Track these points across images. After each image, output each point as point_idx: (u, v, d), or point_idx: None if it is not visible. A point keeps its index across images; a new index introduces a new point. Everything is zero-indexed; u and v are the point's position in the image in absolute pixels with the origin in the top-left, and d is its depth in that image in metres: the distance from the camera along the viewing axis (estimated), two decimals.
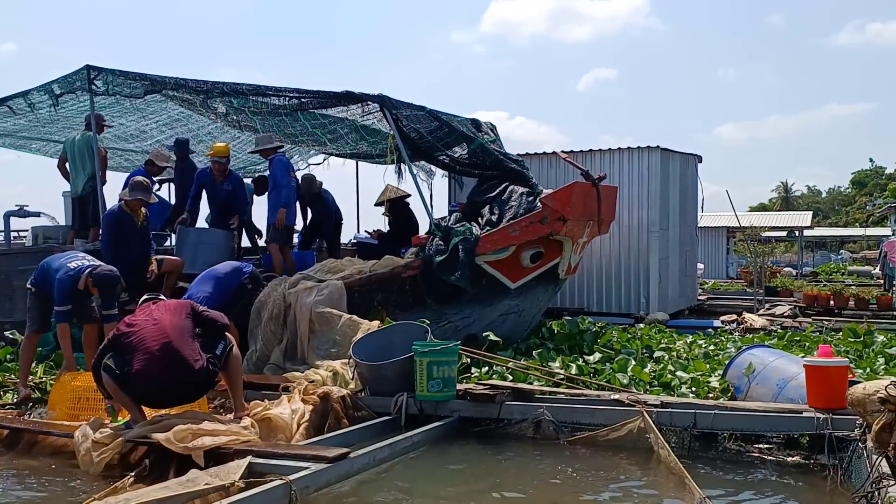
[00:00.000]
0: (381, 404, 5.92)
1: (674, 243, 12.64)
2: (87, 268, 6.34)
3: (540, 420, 5.50)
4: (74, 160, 9.20)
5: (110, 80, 8.46)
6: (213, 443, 4.60)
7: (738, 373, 5.91)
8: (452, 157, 8.90)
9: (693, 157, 13.56)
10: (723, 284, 21.22)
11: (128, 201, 7.38)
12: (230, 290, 6.96)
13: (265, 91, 8.25)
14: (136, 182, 7.55)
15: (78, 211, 9.41)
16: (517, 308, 8.42)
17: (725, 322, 12.08)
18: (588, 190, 8.33)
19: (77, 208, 9.41)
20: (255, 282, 7.47)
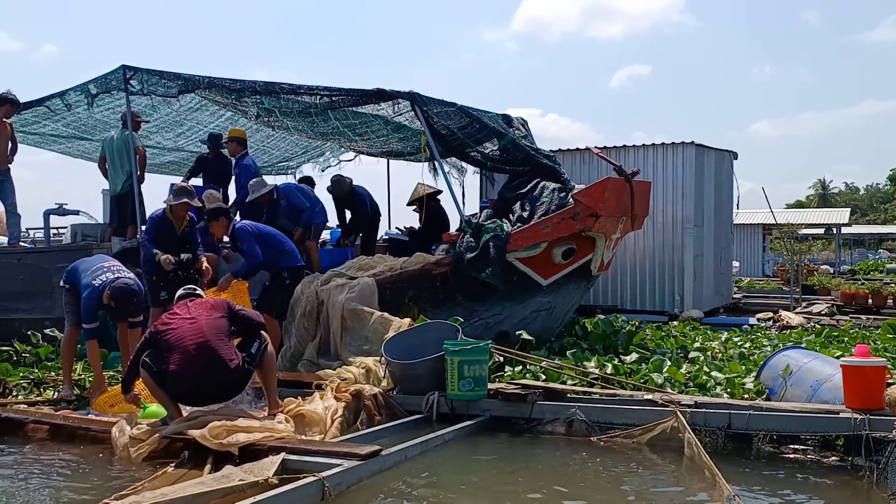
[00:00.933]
0: (412, 402, 5.94)
1: (709, 240, 12.47)
2: (109, 283, 6.32)
3: (572, 420, 5.47)
4: (113, 159, 9.36)
5: (145, 79, 8.58)
6: (247, 439, 4.65)
7: (773, 374, 5.82)
8: (483, 154, 8.87)
9: (728, 154, 13.37)
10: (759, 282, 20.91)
11: (172, 206, 7.44)
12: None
13: (297, 90, 8.30)
14: (179, 187, 7.63)
15: (116, 209, 9.56)
16: (549, 305, 8.37)
17: (761, 320, 11.90)
18: (621, 185, 8.25)
19: (115, 206, 9.56)
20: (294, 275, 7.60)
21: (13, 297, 9.41)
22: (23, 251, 9.86)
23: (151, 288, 7.27)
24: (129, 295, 6.35)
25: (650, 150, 12.02)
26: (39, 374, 7.18)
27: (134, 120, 9.13)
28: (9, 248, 9.88)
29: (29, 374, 7.17)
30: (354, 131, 10.29)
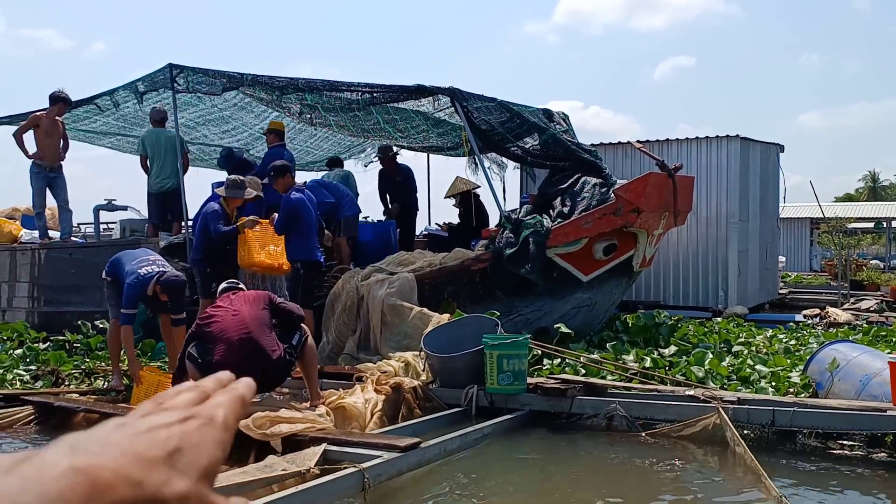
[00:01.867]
0: (451, 396, 5.96)
1: (754, 235, 12.25)
2: (156, 274, 6.41)
3: (612, 415, 5.44)
4: (157, 156, 9.56)
5: (191, 77, 8.75)
6: (289, 430, 4.73)
7: (820, 368, 5.71)
8: (524, 149, 8.85)
9: (774, 147, 13.10)
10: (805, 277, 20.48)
11: (226, 198, 7.56)
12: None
13: (338, 86, 8.38)
14: (232, 180, 7.75)
15: (159, 206, 9.71)
16: (590, 301, 8.33)
17: (808, 316, 11.65)
18: (663, 180, 8.16)
19: (159, 203, 9.71)
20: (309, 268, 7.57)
21: (65, 291, 9.70)
22: (74, 246, 10.14)
23: (204, 279, 7.38)
24: (180, 287, 6.50)
25: (694, 143, 11.84)
26: (90, 364, 7.40)
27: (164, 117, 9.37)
28: (61, 242, 10.17)
29: (80, 364, 7.40)
30: (395, 127, 10.35)
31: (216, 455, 0.44)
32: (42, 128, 9.65)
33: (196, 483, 0.42)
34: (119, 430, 0.43)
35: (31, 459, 0.38)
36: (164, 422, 0.44)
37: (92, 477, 0.38)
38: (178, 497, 0.41)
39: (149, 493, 0.40)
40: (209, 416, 0.45)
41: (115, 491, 0.38)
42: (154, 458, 0.41)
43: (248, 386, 0.49)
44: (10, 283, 10.37)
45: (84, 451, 0.40)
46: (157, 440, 0.42)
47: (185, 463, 0.42)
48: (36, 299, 10.15)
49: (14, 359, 7.50)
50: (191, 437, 0.44)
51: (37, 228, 10.50)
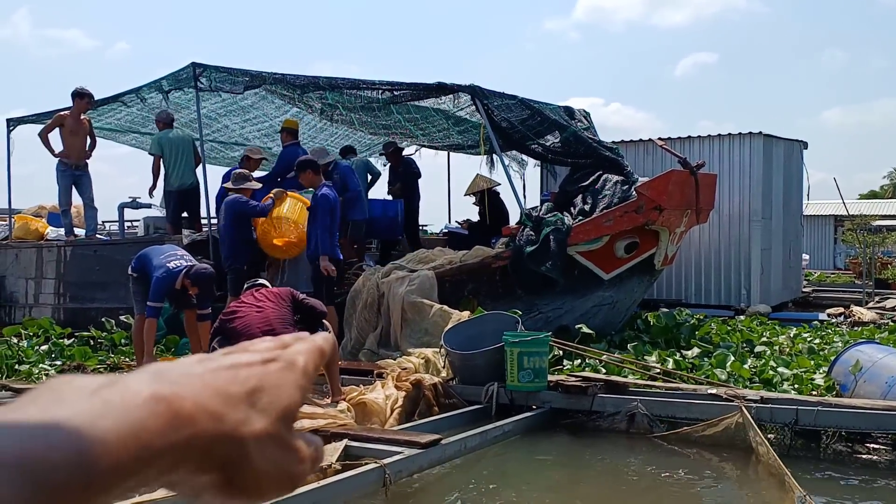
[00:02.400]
0: (471, 393, 5.97)
1: (777, 233, 12.13)
2: (185, 268, 6.49)
3: (633, 413, 5.41)
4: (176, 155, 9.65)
5: (214, 76, 8.83)
6: (311, 425, 4.76)
7: (845, 370, 5.64)
8: (544, 146, 8.82)
9: (798, 144, 12.96)
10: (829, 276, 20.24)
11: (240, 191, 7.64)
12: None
13: (359, 84, 8.41)
14: (236, 174, 7.87)
15: (179, 203, 9.76)
16: (611, 299, 8.29)
17: (832, 315, 11.52)
18: (686, 178, 8.10)
19: (178, 201, 9.73)
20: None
21: (90, 287, 9.82)
22: (99, 243, 10.26)
23: (237, 277, 7.35)
24: (210, 279, 6.58)
25: (716, 140, 11.74)
26: (115, 360, 7.50)
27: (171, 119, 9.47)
28: (86, 240, 10.30)
29: (105, 360, 7.50)
30: (415, 125, 10.37)
31: (295, 398, 0.44)
32: (67, 127, 9.77)
33: (274, 423, 0.42)
34: (202, 364, 0.42)
35: (115, 384, 0.38)
36: (247, 360, 0.43)
37: (173, 407, 0.38)
38: (256, 436, 0.40)
39: (227, 429, 0.39)
40: (290, 361, 0.45)
41: (195, 423, 0.38)
42: (235, 394, 0.41)
43: (326, 339, 0.48)
44: (36, 279, 10.53)
45: (167, 380, 0.39)
46: (239, 377, 0.42)
47: (264, 402, 0.42)
48: (62, 296, 10.29)
49: (40, 354, 7.62)
50: (271, 378, 0.43)
51: (63, 226, 10.63)
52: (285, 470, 0.42)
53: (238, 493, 0.41)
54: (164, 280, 6.44)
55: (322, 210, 7.15)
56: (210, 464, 0.39)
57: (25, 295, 10.66)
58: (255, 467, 0.41)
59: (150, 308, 6.54)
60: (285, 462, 0.42)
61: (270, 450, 0.41)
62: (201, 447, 0.38)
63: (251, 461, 0.40)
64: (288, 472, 0.43)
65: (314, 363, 0.46)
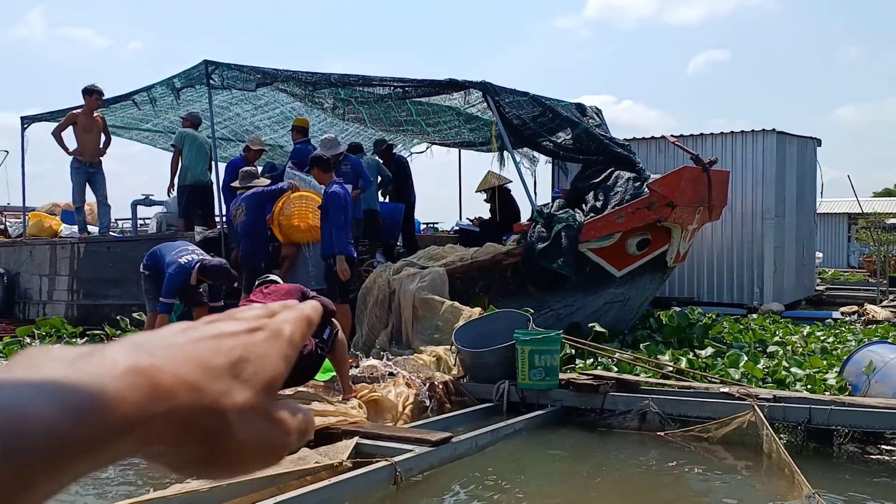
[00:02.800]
0: (482, 391, 5.97)
1: (790, 231, 12.06)
2: (198, 262, 6.52)
3: (645, 412, 5.39)
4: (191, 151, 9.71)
5: (226, 73, 8.86)
6: (322, 423, 4.77)
7: (857, 370, 5.60)
8: (556, 143, 8.79)
9: (811, 141, 12.87)
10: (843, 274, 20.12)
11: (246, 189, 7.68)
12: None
13: (370, 81, 8.41)
14: (244, 172, 7.89)
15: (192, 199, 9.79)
16: (622, 297, 8.27)
17: (845, 313, 11.44)
18: (698, 175, 8.06)
19: (192, 196, 9.75)
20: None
21: (103, 284, 9.89)
22: (112, 240, 10.33)
23: (251, 274, 7.41)
24: (224, 271, 6.59)
25: (729, 137, 11.68)
26: None
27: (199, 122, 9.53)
28: (99, 237, 10.37)
29: None
30: (427, 121, 10.36)
31: (280, 368, 0.43)
32: (80, 124, 9.83)
33: (257, 395, 0.41)
34: (184, 334, 0.41)
35: (93, 355, 0.37)
36: (231, 330, 0.42)
37: (152, 379, 0.37)
38: (239, 408, 0.39)
39: (208, 402, 0.38)
40: (276, 330, 0.44)
41: (175, 397, 0.37)
42: (217, 366, 0.40)
43: (314, 307, 0.48)
44: (50, 276, 10.61)
45: (147, 352, 0.38)
46: (222, 348, 0.41)
47: (248, 373, 0.41)
48: (75, 292, 10.37)
49: None
50: (256, 348, 0.42)
51: (76, 223, 10.71)
52: (269, 442, 0.41)
53: (221, 466, 0.40)
54: (177, 276, 6.45)
55: (334, 207, 7.13)
56: (191, 436, 0.38)
57: (39, 292, 10.74)
58: (238, 439, 0.40)
59: (163, 304, 6.55)
60: (269, 434, 0.41)
61: (254, 422, 0.40)
62: (181, 420, 0.38)
63: (234, 433, 0.39)
64: (272, 445, 0.42)
65: (301, 332, 0.46)
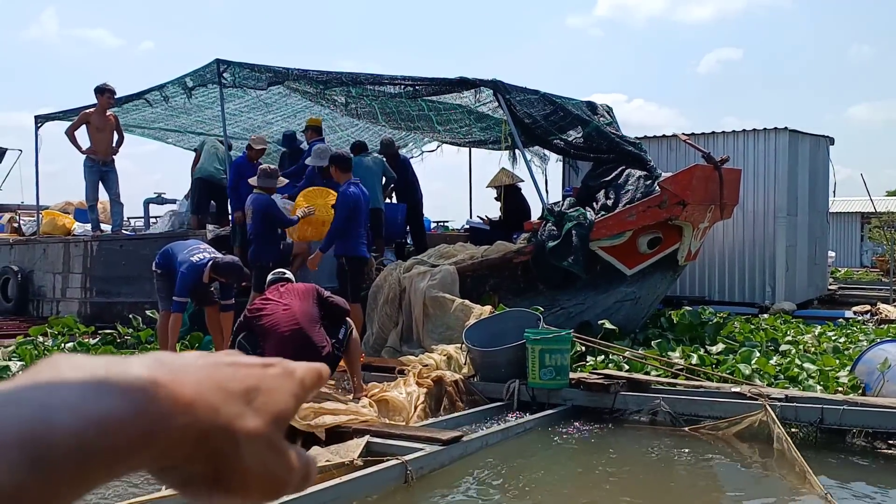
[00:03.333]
0: (493, 390, 5.97)
1: (802, 230, 11.98)
2: (210, 260, 6.52)
3: (656, 411, 5.38)
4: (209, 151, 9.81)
5: (237, 72, 8.90)
6: (333, 421, 4.79)
7: (869, 368, 5.57)
8: (567, 141, 8.78)
9: (824, 139, 12.79)
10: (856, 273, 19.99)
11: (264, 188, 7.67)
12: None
13: (381, 80, 8.43)
14: (261, 170, 7.89)
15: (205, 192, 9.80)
16: (633, 295, 8.25)
17: (858, 313, 11.37)
18: (710, 173, 8.04)
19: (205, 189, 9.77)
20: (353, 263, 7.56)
21: (116, 282, 9.95)
22: (125, 238, 10.39)
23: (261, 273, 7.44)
24: (237, 269, 6.59)
25: (740, 136, 11.62)
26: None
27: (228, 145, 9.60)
28: (112, 235, 10.43)
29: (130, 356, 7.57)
30: (437, 119, 10.37)
31: (290, 405, 0.44)
32: (93, 123, 9.90)
33: (268, 425, 0.42)
34: (202, 359, 0.43)
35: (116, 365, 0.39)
36: (246, 362, 0.44)
37: (172, 393, 0.38)
38: (249, 434, 0.41)
39: (222, 422, 0.40)
40: (289, 370, 0.46)
41: (192, 411, 0.38)
42: (233, 389, 0.41)
43: (324, 368, 0.49)
44: (63, 274, 10.68)
45: (168, 368, 0.40)
46: (238, 375, 0.42)
47: (260, 402, 0.42)
48: (88, 290, 10.44)
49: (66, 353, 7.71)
50: (269, 381, 0.43)
51: (89, 221, 10.77)
52: (273, 473, 0.42)
53: (224, 490, 0.41)
54: (189, 274, 6.47)
55: (340, 206, 7.20)
56: (202, 454, 0.39)
57: (53, 289, 10.82)
58: (245, 465, 0.41)
59: (176, 303, 6.57)
60: (274, 466, 0.42)
61: (261, 450, 0.41)
62: (195, 436, 0.39)
63: (241, 458, 0.40)
64: (275, 477, 0.42)
65: (312, 380, 0.47)
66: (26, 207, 14.18)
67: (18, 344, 7.92)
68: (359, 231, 7.35)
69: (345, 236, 7.25)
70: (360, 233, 7.39)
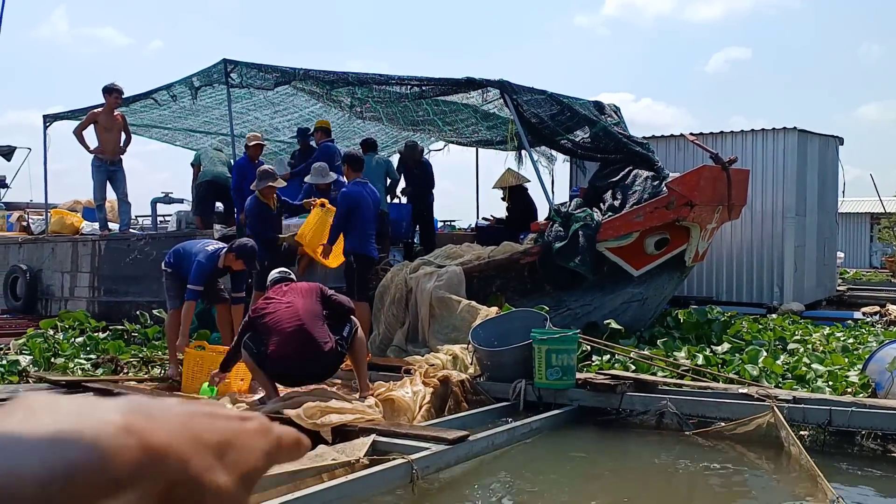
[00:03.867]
0: (499, 390, 5.96)
1: (811, 230, 11.93)
2: (224, 247, 6.61)
3: (663, 412, 5.37)
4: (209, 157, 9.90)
5: (244, 72, 8.92)
6: (339, 420, 4.79)
7: (880, 368, 5.54)
8: (574, 142, 8.75)
9: (833, 140, 12.73)
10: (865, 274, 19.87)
11: (260, 190, 7.70)
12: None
13: (388, 80, 8.43)
14: (261, 171, 7.89)
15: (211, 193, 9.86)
16: (640, 296, 8.23)
17: (867, 314, 11.31)
18: (717, 174, 8.01)
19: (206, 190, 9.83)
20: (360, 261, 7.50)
21: (124, 281, 9.99)
22: (132, 237, 10.42)
23: (263, 272, 7.46)
24: (253, 252, 6.63)
25: (749, 136, 11.57)
26: (148, 353, 7.60)
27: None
28: (120, 234, 10.47)
29: (138, 353, 7.61)
30: (444, 120, 10.36)
31: (261, 464, 0.44)
32: (100, 123, 9.94)
33: (235, 483, 0.42)
34: (180, 406, 0.43)
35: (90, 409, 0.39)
36: (225, 413, 0.44)
37: (144, 441, 0.38)
38: (217, 489, 0.40)
39: (192, 474, 0.40)
40: (267, 427, 0.45)
41: (163, 462, 0.39)
42: (206, 441, 0.41)
43: (305, 439, 0.49)
44: (71, 273, 10.73)
45: (143, 414, 0.40)
46: (213, 427, 0.42)
47: (231, 458, 0.42)
48: (96, 289, 10.48)
49: (75, 347, 7.75)
50: (244, 437, 0.43)
51: (97, 220, 10.82)
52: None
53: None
54: (207, 262, 6.54)
55: (339, 204, 7.29)
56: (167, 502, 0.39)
57: (61, 288, 10.88)
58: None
59: (190, 291, 6.57)
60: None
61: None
62: (164, 486, 0.39)
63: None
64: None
65: (288, 442, 0.47)
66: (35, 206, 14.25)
67: (29, 337, 7.96)
68: (368, 230, 7.36)
69: (354, 234, 7.27)
70: (370, 232, 7.40)
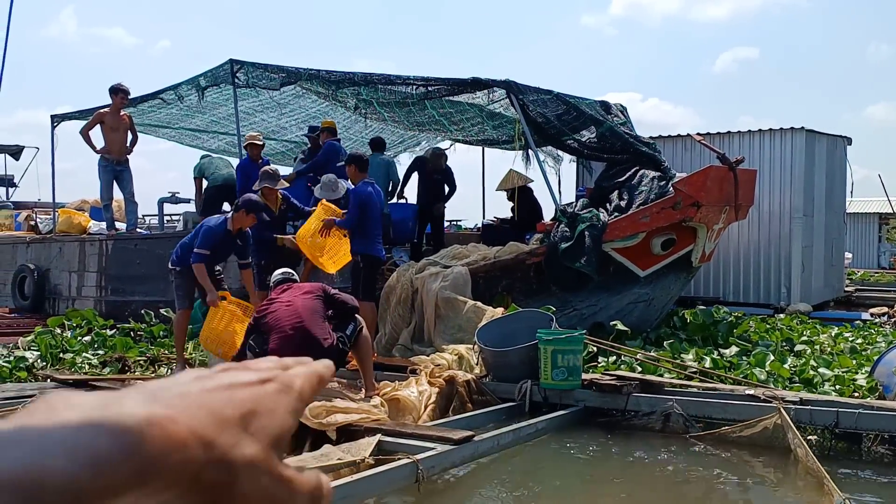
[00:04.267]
0: (504, 390, 5.95)
1: (819, 230, 11.88)
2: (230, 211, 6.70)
3: (669, 413, 5.35)
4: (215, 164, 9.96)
5: (251, 72, 8.94)
6: (345, 420, 4.80)
7: (888, 371, 5.51)
8: (580, 142, 8.74)
9: (841, 140, 12.67)
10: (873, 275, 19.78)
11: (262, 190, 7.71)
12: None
13: (393, 80, 8.43)
14: (263, 171, 7.90)
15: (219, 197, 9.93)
16: (647, 296, 8.21)
17: (875, 315, 11.25)
18: (724, 174, 7.98)
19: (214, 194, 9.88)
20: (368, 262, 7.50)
21: (131, 280, 10.02)
22: (139, 237, 10.47)
23: (260, 272, 7.51)
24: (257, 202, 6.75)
25: (756, 136, 11.53)
26: (155, 352, 7.63)
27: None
28: (127, 234, 10.51)
29: (145, 351, 7.64)
30: (449, 120, 10.35)
31: (288, 423, 0.43)
32: (107, 123, 9.99)
33: (265, 450, 0.41)
34: (198, 383, 0.42)
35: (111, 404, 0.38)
36: (243, 380, 0.43)
37: (167, 430, 0.38)
38: (247, 462, 0.40)
39: (218, 455, 0.39)
40: (287, 383, 0.45)
41: (187, 449, 0.38)
42: (228, 417, 0.40)
43: (326, 366, 0.48)
44: (79, 272, 10.78)
45: (162, 402, 0.39)
46: (234, 399, 0.41)
47: (257, 426, 0.41)
48: (103, 288, 10.52)
49: (83, 344, 7.79)
50: (266, 401, 0.43)
51: (104, 220, 10.86)
52: (274, 498, 0.42)
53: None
54: (216, 226, 6.64)
55: (352, 204, 7.25)
56: (198, 487, 0.39)
57: (69, 287, 10.92)
58: (243, 493, 0.40)
59: (197, 254, 6.54)
60: (273, 492, 0.42)
61: (259, 477, 0.41)
62: (191, 472, 0.38)
63: (239, 486, 0.40)
64: (276, 501, 0.42)
65: (311, 388, 0.46)
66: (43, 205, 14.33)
67: (37, 334, 8.01)
68: (376, 230, 7.37)
69: (362, 235, 7.27)
70: (377, 232, 7.41)
